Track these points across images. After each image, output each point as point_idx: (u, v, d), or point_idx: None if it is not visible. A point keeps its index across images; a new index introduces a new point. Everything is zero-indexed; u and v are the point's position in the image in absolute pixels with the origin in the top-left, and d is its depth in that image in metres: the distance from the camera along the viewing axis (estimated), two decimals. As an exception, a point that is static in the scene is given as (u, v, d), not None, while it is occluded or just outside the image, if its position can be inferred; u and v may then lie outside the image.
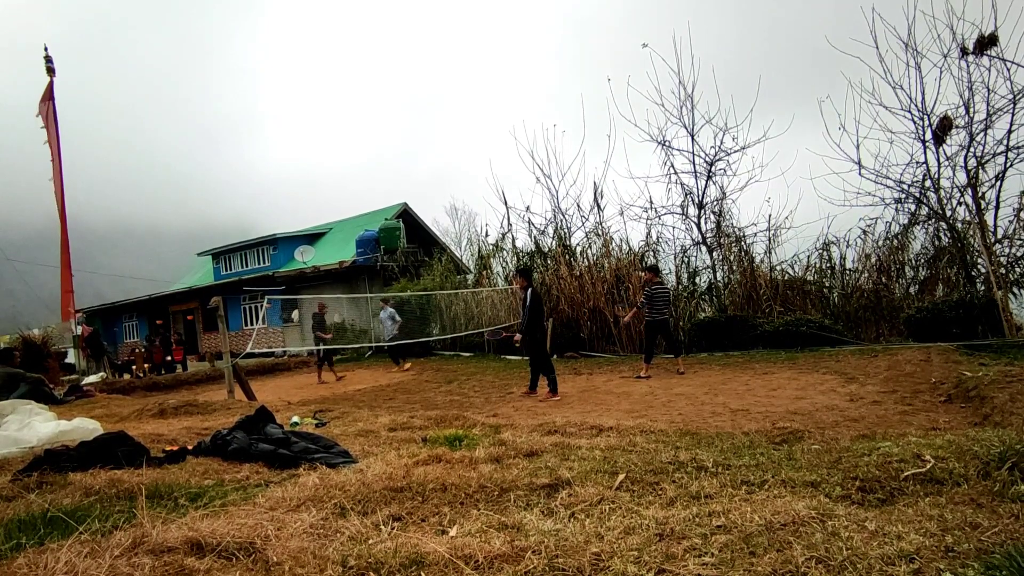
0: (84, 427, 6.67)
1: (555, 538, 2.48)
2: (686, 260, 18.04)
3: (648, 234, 18.63)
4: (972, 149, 13.65)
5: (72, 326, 20.64)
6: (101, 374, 20.98)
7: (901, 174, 14.81)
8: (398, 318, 18.36)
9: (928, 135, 14.10)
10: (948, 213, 14.38)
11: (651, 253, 18.36)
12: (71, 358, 23.25)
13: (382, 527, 2.84)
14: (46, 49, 18.65)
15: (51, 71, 18.60)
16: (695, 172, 17.49)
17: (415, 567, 2.32)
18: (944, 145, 14.12)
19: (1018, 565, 1.91)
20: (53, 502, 3.64)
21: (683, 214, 17.89)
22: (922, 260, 15.25)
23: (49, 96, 18.81)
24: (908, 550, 2.12)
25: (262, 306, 13.96)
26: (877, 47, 14.27)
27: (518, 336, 11.16)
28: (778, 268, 16.83)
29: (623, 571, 2.16)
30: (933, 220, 14.75)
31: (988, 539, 2.19)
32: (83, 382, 16.06)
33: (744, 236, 17.29)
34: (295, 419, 7.50)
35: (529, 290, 10.47)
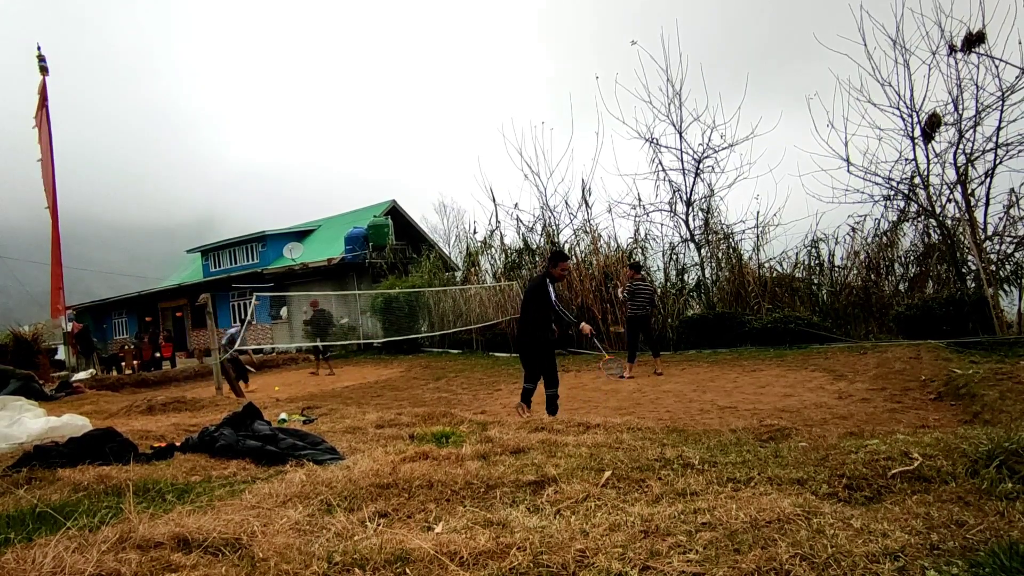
0: (73, 423, 6.67)
1: (540, 535, 2.48)
2: (674, 257, 18.11)
3: (636, 231, 18.70)
4: (961, 146, 13.72)
5: (62, 323, 20.53)
6: (91, 371, 20.90)
7: (890, 171, 14.91)
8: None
9: (917, 132, 14.16)
10: (938, 210, 14.45)
11: (639, 250, 18.40)
12: (61, 355, 23.17)
13: (368, 523, 2.83)
14: (39, 48, 18.52)
15: (44, 70, 18.49)
16: (683, 169, 17.56)
17: (400, 563, 2.31)
18: (933, 142, 14.19)
19: (1001, 562, 1.92)
20: (42, 498, 3.63)
21: (671, 211, 17.96)
22: (912, 257, 15.32)
23: (42, 96, 18.70)
24: (893, 548, 2.12)
25: (251, 303, 13.90)
26: (865, 44, 14.37)
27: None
28: (766, 265, 16.90)
29: (607, 568, 2.16)
30: (923, 217, 14.81)
31: (974, 537, 2.19)
32: (73, 379, 15.95)
33: (732, 233, 17.39)
34: (283, 416, 7.48)
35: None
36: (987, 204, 13.84)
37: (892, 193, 15.09)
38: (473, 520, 2.81)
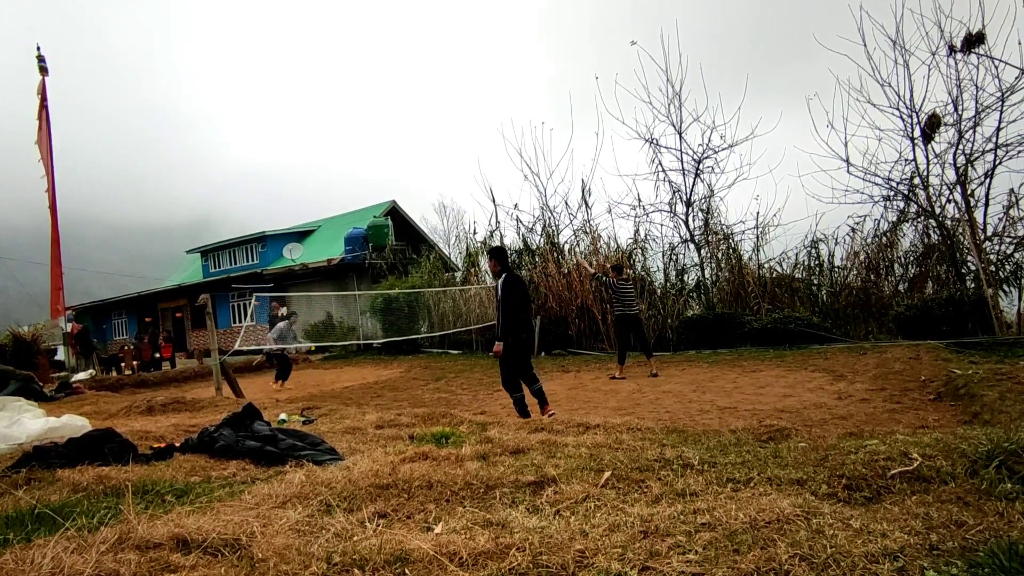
0: (73, 424, 6.66)
1: (540, 535, 2.48)
2: (674, 257, 18.12)
3: (636, 231, 18.71)
4: (961, 146, 13.75)
5: (61, 323, 20.49)
6: (90, 371, 20.85)
7: (890, 171, 14.94)
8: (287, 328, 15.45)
9: (917, 132, 14.17)
10: (937, 210, 14.46)
11: (639, 250, 18.42)
12: (61, 355, 23.11)
13: (367, 524, 2.82)
14: (39, 48, 18.50)
15: (44, 70, 18.47)
16: (683, 170, 17.58)
17: (400, 564, 2.31)
18: (933, 142, 14.20)
19: (1000, 563, 1.92)
20: (41, 498, 3.63)
21: (671, 212, 17.97)
22: (911, 257, 15.34)
23: (42, 97, 18.67)
24: (892, 548, 2.12)
25: (250, 303, 13.93)
26: (865, 45, 14.39)
27: (498, 346, 7.79)
28: (766, 265, 16.92)
29: (607, 568, 2.16)
30: (922, 217, 14.83)
31: (973, 537, 2.19)
32: (72, 379, 15.91)
33: (732, 234, 17.41)
34: (283, 416, 7.47)
35: (503, 276, 7.83)
36: (987, 204, 13.87)
37: (892, 194, 15.12)
38: (473, 520, 2.81)
